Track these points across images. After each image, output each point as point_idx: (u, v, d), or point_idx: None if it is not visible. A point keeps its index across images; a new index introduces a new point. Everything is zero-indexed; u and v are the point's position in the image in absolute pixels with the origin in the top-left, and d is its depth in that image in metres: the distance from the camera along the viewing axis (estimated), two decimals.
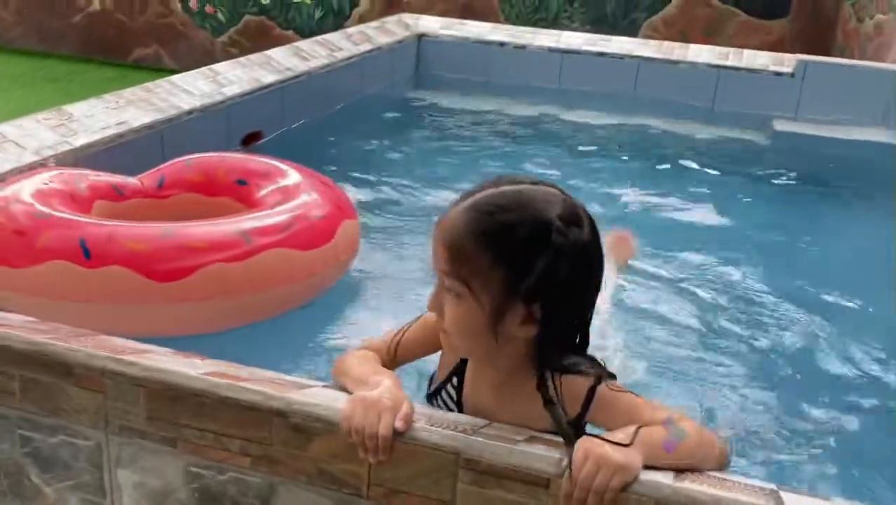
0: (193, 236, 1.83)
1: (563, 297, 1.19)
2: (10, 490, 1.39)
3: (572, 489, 1.06)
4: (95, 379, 1.27)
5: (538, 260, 1.17)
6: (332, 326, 2.04)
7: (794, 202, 3.37)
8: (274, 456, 1.21)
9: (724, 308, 2.39)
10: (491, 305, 1.18)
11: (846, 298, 2.45)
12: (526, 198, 1.20)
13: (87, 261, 1.76)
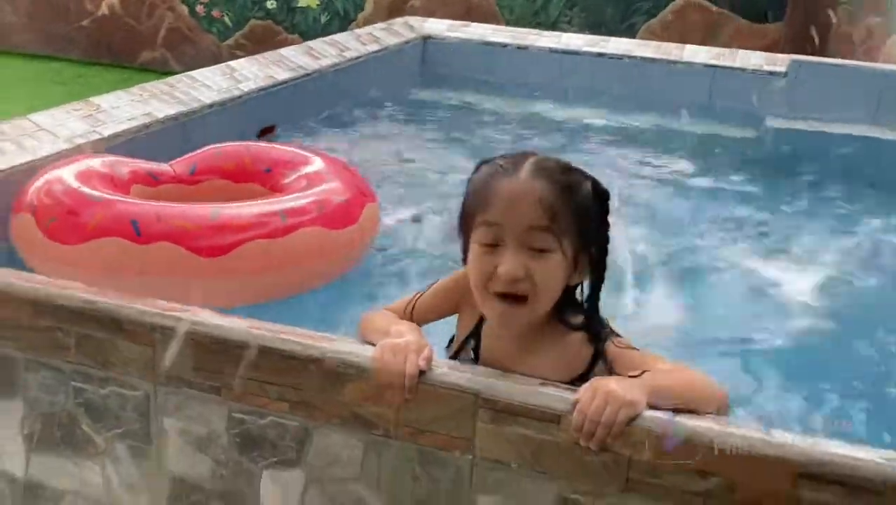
0: (234, 215, 1.98)
1: (605, 245, 1.36)
2: (63, 440, 1.51)
3: (582, 422, 1.19)
4: (145, 333, 1.39)
5: (597, 212, 1.34)
6: (359, 300, 2.17)
7: (785, 192, 3.50)
8: (310, 401, 1.33)
9: (718, 293, 2.51)
10: (572, 255, 1.31)
11: (835, 281, 2.57)
12: (567, 162, 1.37)
13: (137, 238, 1.90)
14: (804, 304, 2.50)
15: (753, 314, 2.45)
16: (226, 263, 1.91)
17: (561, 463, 1.23)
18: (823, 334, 2.34)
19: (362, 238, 2.16)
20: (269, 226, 1.97)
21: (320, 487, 1.36)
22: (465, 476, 1.28)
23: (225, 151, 2.38)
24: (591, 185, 1.35)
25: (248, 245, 1.93)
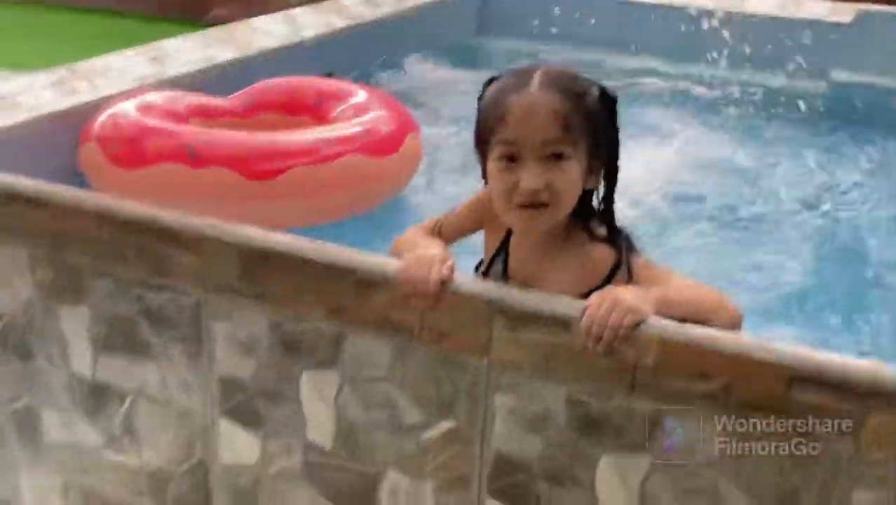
0: (284, 142, 2.11)
1: (616, 149, 1.43)
2: (125, 343, 1.67)
3: (590, 326, 1.27)
4: (197, 243, 1.52)
5: (606, 116, 1.41)
6: (398, 227, 2.29)
7: (849, 147, 3.47)
8: (344, 307, 1.45)
9: (776, 241, 2.54)
10: (586, 160, 1.38)
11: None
12: (574, 70, 1.43)
13: (193, 162, 2.06)
14: (865, 252, 2.52)
15: (815, 263, 2.48)
16: (274, 187, 2.05)
17: (570, 366, 1.32)
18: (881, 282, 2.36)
19: (404, 166, 2.28)
20: (315, 153, 2.10)
21: (353, 386, 1.48)
22: (482, 378, 1.39)
23: (277, 86, 2.52)
24: (598, 91, 1.40)
25: (295, 170, 2.07)
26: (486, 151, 1.41)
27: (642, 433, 1.31)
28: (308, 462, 1.58)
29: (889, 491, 1.19)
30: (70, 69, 2.51)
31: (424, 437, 1.47)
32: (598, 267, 1.42)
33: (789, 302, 2.19)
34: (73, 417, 1.79)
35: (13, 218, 1.65)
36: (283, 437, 1.59)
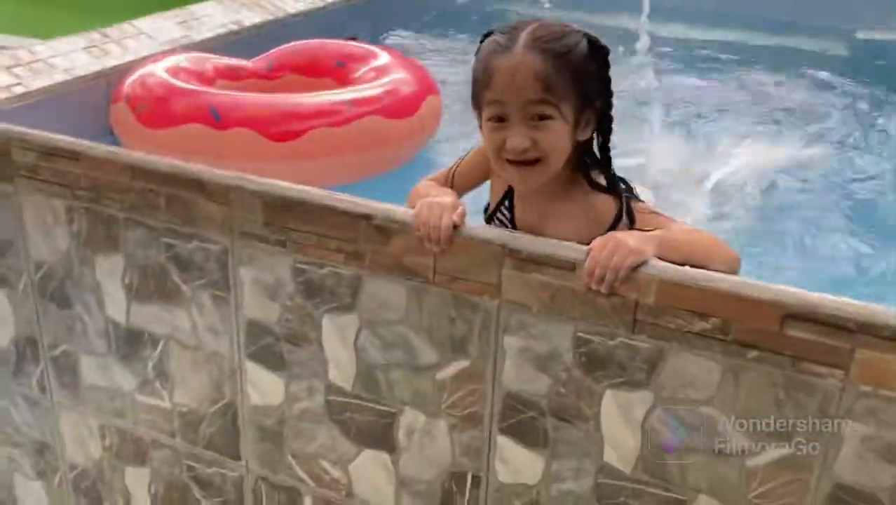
0: (304, 104, 2.18)
1: (608, 98, 1.48)
2: (157, 289, 1.76)
3: (593, 268, 1.34)
4: (223, 193, 1.60)
5: (594, 69, 1.45)
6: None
7: (876, 105, 3.47)
8: (361, 253, 1.52)
9: (806, 198, 2.57)
10: (574, 117, 1.43)
11: None
12: (563, 26, 1.46)
13: (217, 123, 2.14)
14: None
15: (837, 213, 2.52)
16: (296, 148, 2.13)
17: (575, 306, 1.39)
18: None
19: (423, 127, 2.34)
20: (335, 114, 2.17)
21: (371, 328, 1.56)
22: (493, 318, 1.46)
23: (300, 48, 2.59)
24: (587, 43, 1.44)
25: (316, 131, 2.14)
26: (480, 107, 1.47)
27: (644, 370, 1.37)
28: (330, 402, 1.67)
29: (878, 422, 1.25)
30: (102, 33, 2.59)
31: (439, 376, 1.55)
32: (601, 217, 1.49)
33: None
34: (108, 362, 1.90)
35: (52, 172, 1.74)
36: (305, 378, 1.68)
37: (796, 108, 3.44)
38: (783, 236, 2.42)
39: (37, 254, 1.86)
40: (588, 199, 1.51)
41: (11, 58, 2.30)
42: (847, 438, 1.28)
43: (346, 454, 1.70)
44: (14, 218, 1.84)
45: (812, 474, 1.32)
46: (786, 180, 2.81)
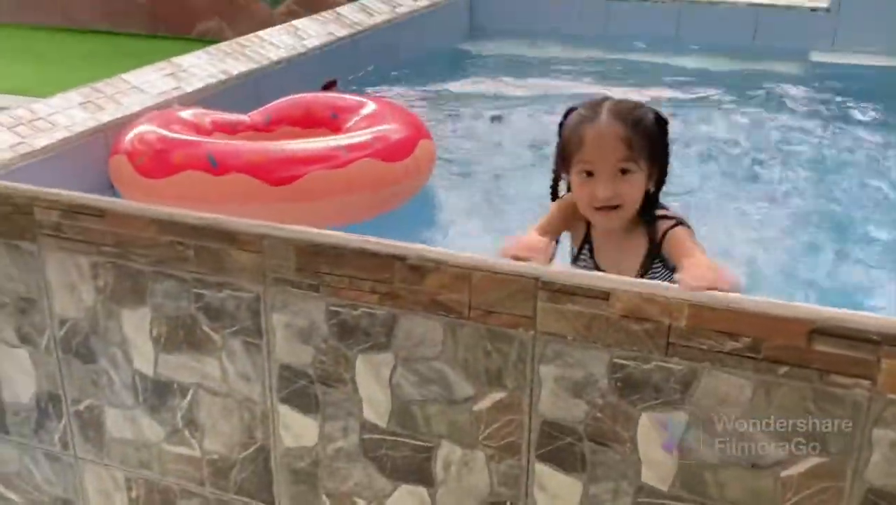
0: (300, 149, 2.24)
1: (667, 157, 1.93)
2: (186, 340, 1.79)
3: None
4: (255, 242, 1.64)
5: (659, 135, 1.89)
6: (416, 227, 2.43)
7: (829, 123, 3.64)
8: (396, 292, 1.57)
9: (759, 214, 2.69)
10: (647, 170, 1.86)
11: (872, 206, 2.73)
12: (635, 102, 1.91)
13: (214, 169, 2.18)
14: (845, 217, 2.66)
15: (794, 227, 2.63)
16: (293, 191, 2.18)
17: (610, 334, 1.46)
18: (860, 241, 2.50)
19: (418, 169, 2.41)
20: (330, 158, 2.23)
21: (407, 365, 1.61)
22: (528, 349, 1.52)
23: (296, 102, 2.67)
24: (654, 116, 1.88)
25: (311, 174, 2.20)
26: (569, 168, 1.89)
27: (678, 391, 1.44)
28: (365, 440, 1.71)
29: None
30: (95, 88, 2.62)
31: (476, 408, 1.60)
32: (650, 242, 1.90)
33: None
34: (135, 414, 1.91)
35: (77, 230, 1.77)
36: (340, 418, 1.71)
37: (751, 125, 3.58)
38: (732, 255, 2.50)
39: (61, 310, 1.87)
40: (644, 230, 1.90)
41: (12, 117, 2.32)
42: (876, 444, 1.36)
43: (383, 490, 1.74)
44: (37, 276, 1.86)
45: (845, 481, 1.39)
46: (734, 194, 2.91)
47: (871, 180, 3.03)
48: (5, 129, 2.29)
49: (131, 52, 7.80)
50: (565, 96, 3.88)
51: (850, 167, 3.14)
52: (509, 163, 3.05)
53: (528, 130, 3.39)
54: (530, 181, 2.81)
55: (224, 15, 8.07)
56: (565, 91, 3.95)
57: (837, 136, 3.49)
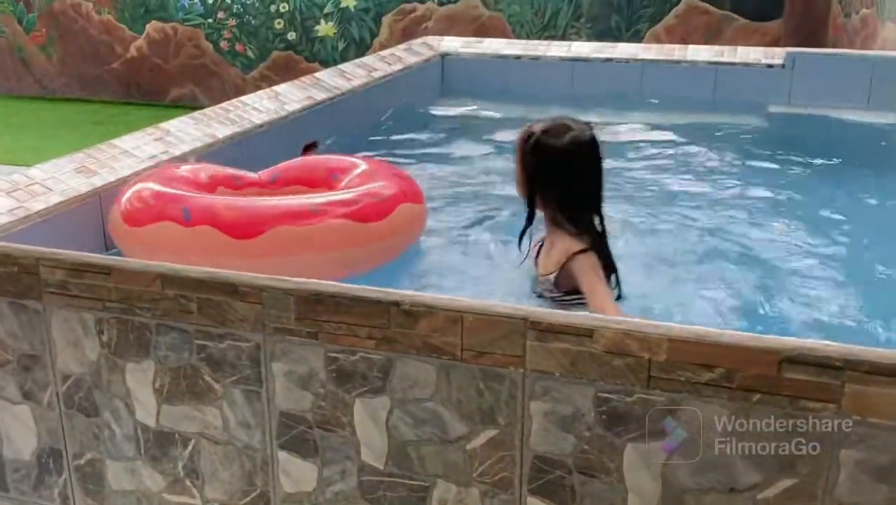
0: (269, 205, 2.33)
1: (553, 186, 2.18)
2: (188, 390, 1.86)
3: None
4: (256, 294, 1.73)
5: (531, 159, 2.25)
6: (402, 280, 2.51)
7: (788, 173, 3.81)
8: (391, 337, 1.67)
9: (725, 266, 2.81)
10: (527, 196, 2.26)
11: (833, 254, 2.86)
12: (558, 124, 2.21)
13: (186, 222, 2.29)
14: (807, 266, 2.80)
15: (759, 279, 2.75)
16: (255, 246, 2.26)
17: (595, 369, 1.56)
18: (818, 289, 2.63)
19: (391, 232, 2.46)
20: (297, 215, 2.31)
21: (403, 407, 1.69)
22: (518, 387, 1.61)
23: (303, 162, 2.81)
24: (528, 138, 2.27)
25: (276, 230, 2.28)
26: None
27: (660, 421, 1.54)
28: (363, 482, 1.78)
29: (868, 447, 1.44)
30: (88, 154, 2.71)
31: (469, 446, 1.68)
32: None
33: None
34: (136, 465, 1.97)
35: (82, 288, 1.85)
36: (338, 462, 1.79)
37: (715, 173, 3.75)
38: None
39: (64, 366, 1.94)
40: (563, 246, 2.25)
41: (9, 182, 2.40)
42: (843, 463, 1.46)
43: None
44: (41, 333, 1.93)
45: (817, 500, 1.49)
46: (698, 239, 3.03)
47: (823, 222, 3.19)
48: (3, 193, 2.37)
49: (105, 119, 7.93)
50: None
51: (803, 208, 3.31)
52: (490, 211, 3.16)
53: (502, 184, 3.52)
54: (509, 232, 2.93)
55: (197, 81, 8.24)
56: None
57: (794, 182, 3.66)
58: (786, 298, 2.35)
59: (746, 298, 2.36)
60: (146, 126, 3.08)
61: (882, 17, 5.29)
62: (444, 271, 2.59)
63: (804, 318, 2.20)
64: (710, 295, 2.39)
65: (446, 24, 7.21)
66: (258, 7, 7.80)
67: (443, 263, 2.65)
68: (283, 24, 7.78)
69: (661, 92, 4.70)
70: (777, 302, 2.31)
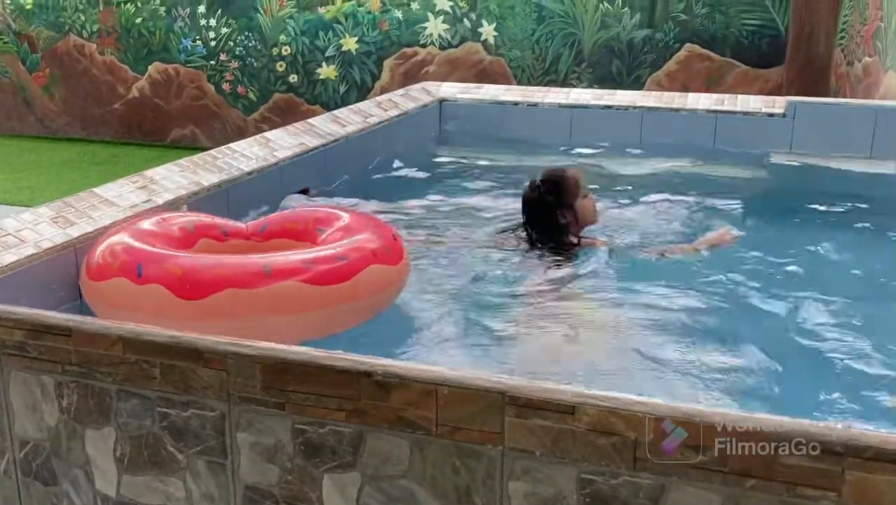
0: (224, 264, 2.23)
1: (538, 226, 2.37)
2: (150, 459, 1.75)
3: None
4: (220, 360, 1.64)
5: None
6: (386, 340, 2.40)
7: (790, 223, 3.72)
8: (362, 409, 1.57)
9: (724, 317, 2.71)
10: None
11: (837, 313, 2.75)
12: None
13: (138, 279, 2.20)
14: (804, 321, 2.69)
15: (760, 331, 2.64)
16: (203, 307, 2.16)
17: (577, 448, 1.45)
18: (818, 347, 2.51)
19: (353, 295, 2.30)
20: (249, 277, 2.20)
21: (374, 484, 1.59)
22: (497, 466, 1.51)
23: (293, 213, 2.71)
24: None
25: (225, 292, 2.17)
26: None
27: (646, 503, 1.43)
28: None
29: None
30: (66, 203, 2.64)
31: None
32: None
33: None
34: None
35: (42, 350, 1.76)
36: None
37: (714, 222, 3.66)
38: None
39: (22, 432, 1.84)
40: None
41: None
42: None
43: None
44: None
45: None
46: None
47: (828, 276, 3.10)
48: None
49: (105, 159, 7.90)
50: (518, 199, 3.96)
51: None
52: (481, 264, 3.07)
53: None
54: (497, 283, 2.85)
55: (198, 122, 8.22)
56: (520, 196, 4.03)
57: (796, 233, 3.57)
58: (785, 369, 2.23)
59: (741, 370, 2.25)
60: (146, 166, 3.00)
61: (885, 66, 5.24)
62: (426, 332, 2.48)
63: (806, 392, 2.09)
64: (699, 366, 2.28)
65: (448, 69, 7.18)
66: (260, 49, 7.80)
67: (426, 323, 2.54)
68: (284, 67, 7.77)
69: (660, 140, 4.63)
70: (775, 375, 2.20)
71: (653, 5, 6.75)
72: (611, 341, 2.46)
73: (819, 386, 2.12)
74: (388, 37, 7.39)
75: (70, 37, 8.39)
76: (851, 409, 1.86)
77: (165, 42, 8.08)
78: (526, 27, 7.01)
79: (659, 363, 2.30)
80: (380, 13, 7.38)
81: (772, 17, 6.57)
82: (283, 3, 7.63)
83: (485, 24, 7.10)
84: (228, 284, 2.19)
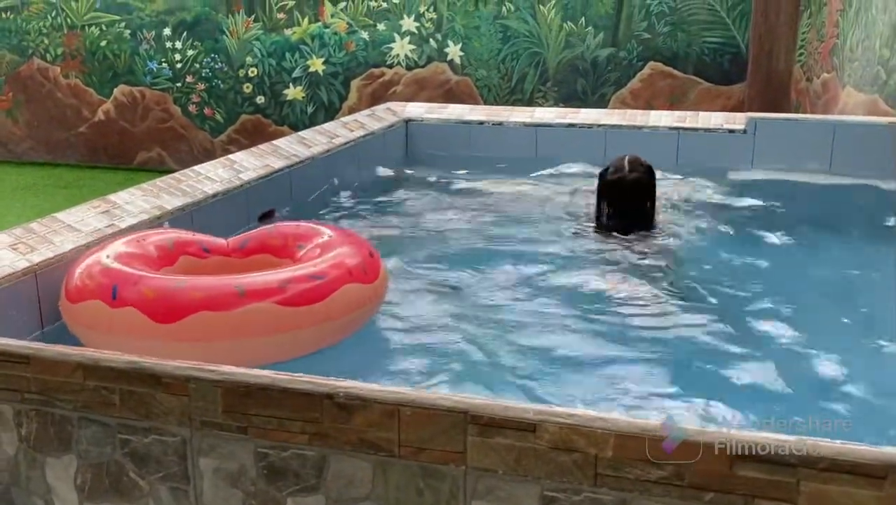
0: (198, 286, 2.22)
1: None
2: (112, 487, 1.74)
3: None
4: (181, 385, 1.63)
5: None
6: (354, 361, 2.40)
7: (750, 237, 3.77)
8: (325, 432, 1.57)
9: (681, 331, 2.74)
10: None
11: (794, 326, 2.79)
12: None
13: (112, 301, 2.19)
14: (765, 332, 2.72)
15: (719, 347, 2.67)
16: (177, 330, 2.15)
17: (539, 466, 1.46)
18: (773, 359, 2.53)
19: (327, 315, 2.28)
20: (221, 299, 2.18)
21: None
22: (460, 486, 1.51)
23: (276, 229, 2.70)
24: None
25: (199, 315, 2.16)
26: None
27: None
28: None
29: None
30: (27, 228, 2.61)
31: None
32: None
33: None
34: None
35: (0, 378, 1.74)
36: None
37: (673, 234, 3.70)
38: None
39: None
40: None
41: None
42: None
43: None
44: None
45: None
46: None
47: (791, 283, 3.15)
48: None
49: (71, 182, 7.83)
50: (504, 217, 3.99)
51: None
52: (452, 279, 3.08)
53: (468, 252, 3.46)
54: (472, 302, 2.85)
55: (164, 145, 8.18)
56: (502, 211, 4.07)
57: (756, 246, 3.62)
58: (739, 381, 2.26)
59: (697, 385, 2.27)
60: (112, 190, 2.98)
61: (842, 82, 5.34)
62: (397, 350, 2.48)
63: (763, 406, 2.11)
64: (657, 383, 2.30)
65: (415, 89, 7.23)
66: (227, 71, 7.79)
67: (399, 340, 2.54)
68: (251, 89, 7.77)
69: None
70: (731, 389, 2.22)
71: (616, 24, 6.85)
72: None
73: (774, 398, 2.15)
74: (355, 57, 7.42)
75: (34, 60, 8.32)
76: (805, 420, 1.89)
77: (131, 65, 8.04)
78: (492, 47, 7.07)
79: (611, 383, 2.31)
80: (346, 34, 7.41)
81: (732, 35, 6.69)
82: (249, 24, 7.63)
83: (451, 45, 7.15)
84: (201, 306, 2.18)
